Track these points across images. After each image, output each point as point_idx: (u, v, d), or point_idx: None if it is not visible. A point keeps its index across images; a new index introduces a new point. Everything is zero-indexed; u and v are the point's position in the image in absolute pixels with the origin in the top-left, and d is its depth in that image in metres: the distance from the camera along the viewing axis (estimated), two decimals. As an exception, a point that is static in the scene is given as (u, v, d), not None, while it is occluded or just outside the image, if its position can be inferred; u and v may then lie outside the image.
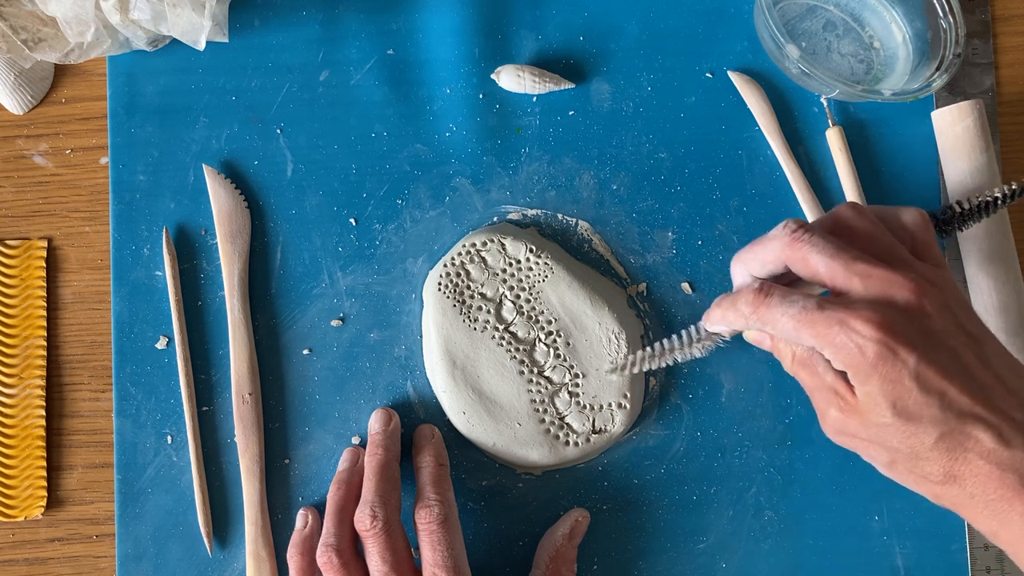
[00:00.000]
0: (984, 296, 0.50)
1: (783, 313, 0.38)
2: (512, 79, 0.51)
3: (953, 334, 0.37)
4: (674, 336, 0.44)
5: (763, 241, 0.40)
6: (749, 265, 0.41)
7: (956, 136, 0.50)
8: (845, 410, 0.38)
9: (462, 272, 0.50)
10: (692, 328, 0.44)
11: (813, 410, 0.41)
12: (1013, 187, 0.45)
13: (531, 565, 0.48)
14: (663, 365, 0.45)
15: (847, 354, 0.36)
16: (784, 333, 0.38)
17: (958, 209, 0.45)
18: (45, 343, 0.51)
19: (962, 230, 0.46)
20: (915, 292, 0.37)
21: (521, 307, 0.49)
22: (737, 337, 0.44)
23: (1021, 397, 0.37)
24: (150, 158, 0.52)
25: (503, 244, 0.50)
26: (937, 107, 0.52)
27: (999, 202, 0.45)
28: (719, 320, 0.42)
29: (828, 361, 0.38)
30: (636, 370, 0.46)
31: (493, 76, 0.52)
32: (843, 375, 0.38)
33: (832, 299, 0.37)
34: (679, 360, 0.45)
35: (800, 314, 0.37)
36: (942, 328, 0.37)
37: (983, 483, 0.36)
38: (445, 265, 0.50)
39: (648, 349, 0.45)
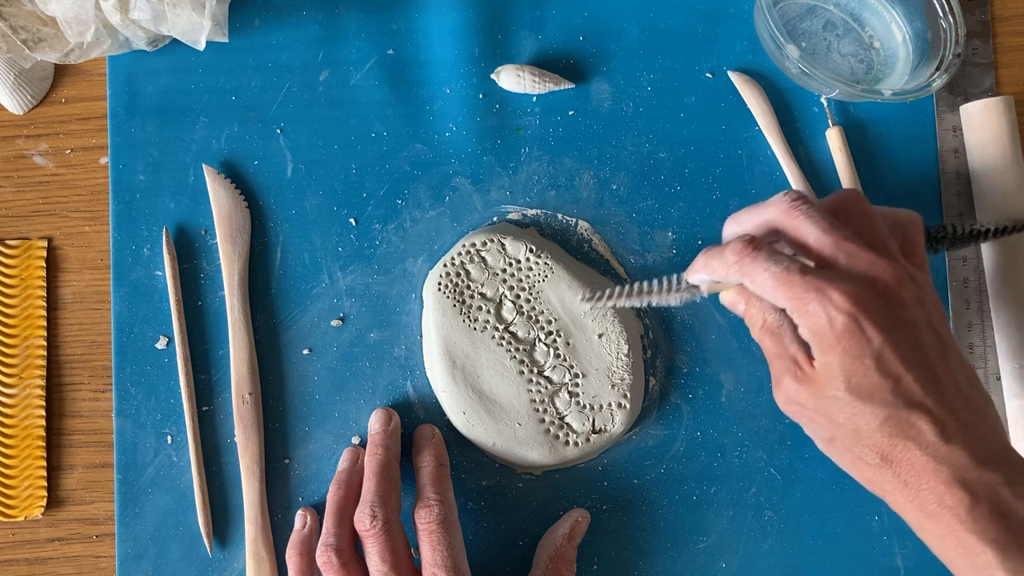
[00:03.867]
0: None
1: (766, 269, 0.38)
2: (512, 79, 0.51)
3: (922, 329, 0.38)
4: (654, 280, 0.44)
5: (761, 205, 0.41)
6: (744, 225, 0.42)
7: (993, 130, 0.50)
8: (800, 379, 0.39)
9: (462, 272, 0.50)
10: (673, 276, 0.44)
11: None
12: (1007, 224, 0.47)
13: (531, 565, 0.48)
14: (636, 305, 0.45)
15: (816, 322, 0.37)
16: (761, 289, 0.39)
17: (951, 231, 0.46)
18: (45, 343, 0.51)
19: (949, 250, 0.47)
20: (896, 280, 0.37)
21: (521, 307, 0.49)
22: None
23: (971, 401, 0.38)
24: (150, 158, 0.52)
25: (503, 244, 0.50)
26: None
27: (992, 233, 0.47)
28: (701, 268, 0.42)
29: (795, 332, 0.39)
30: (610, 304, 0.45)
31: (493, 76, 0.52)
32: (806, 347, 0.39)
33: (816, 268, 0.38)
34: (652, 304, 0.45)
35: (782, 273, 0.38)
36: (913, 320, 0.37)
37: (917, 473, 0.37)
38: (445, 265, 0.50)
39: (625, 287, 0.45)
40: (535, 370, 0.49)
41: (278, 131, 0.52)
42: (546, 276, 0.49)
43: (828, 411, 0.38)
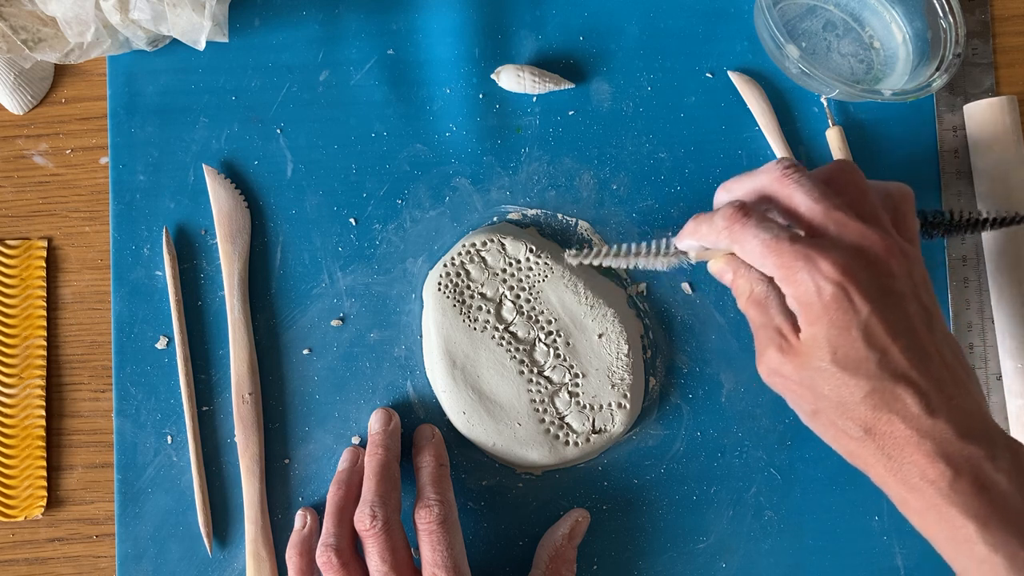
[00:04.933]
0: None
1: (755, 236, 0.38)
2: (512, 79, 0.51)
3: (909, 299, 0.38)
4: (642, 243, 0.44)
5: (753, 173, 0.41)
6: (735, 192, 0.42)
7: (996, 130, 0.50)
8: (785, 351, 0.39)
9: (462, 272, 0.50)
10: (662, 240, 0.44)
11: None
12: (1005, 215, 0.47)
13: (531, 565, 0.48)
14: (623, 267, 0.46)
15: (804, 291, 0.37)
16: (750, 256, 0.39)
17: (948, 217, 0.46)
18: (45, 343, 0.51)
19: (945, 236, 0.47)
20: (885, 251, 0.37)
21: (521, 307, 0.49)
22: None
23: (956, 374, 0.38)
24: (150, 158, 0.52)
25: (503, 244, 0.50)
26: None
27: (989, 224, 0.47)
28: (690, 234, 0.42)
29: (782, 303, 0.39)
30: (596, 262, 0.45)
31: (493, 76, 0.52)
32: (792, 319, 0.39)
33: (806, 237, 0.38)
34: (639, 266, 0.45)
35: (771, 240, 0.38)
36: (901, 291, 0.38)
37: (900, 446, 0.37)
38: (445, 265, 0.50)
39: (613, 246, 0.45)
40: (535, 370, 0.49)
41: (278, 131, 0.52)
42: (546, 276, 0.49)
43: (812, 383, 0.38)
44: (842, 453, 0.40)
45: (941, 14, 0.50)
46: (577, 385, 0.49)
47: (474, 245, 0.50)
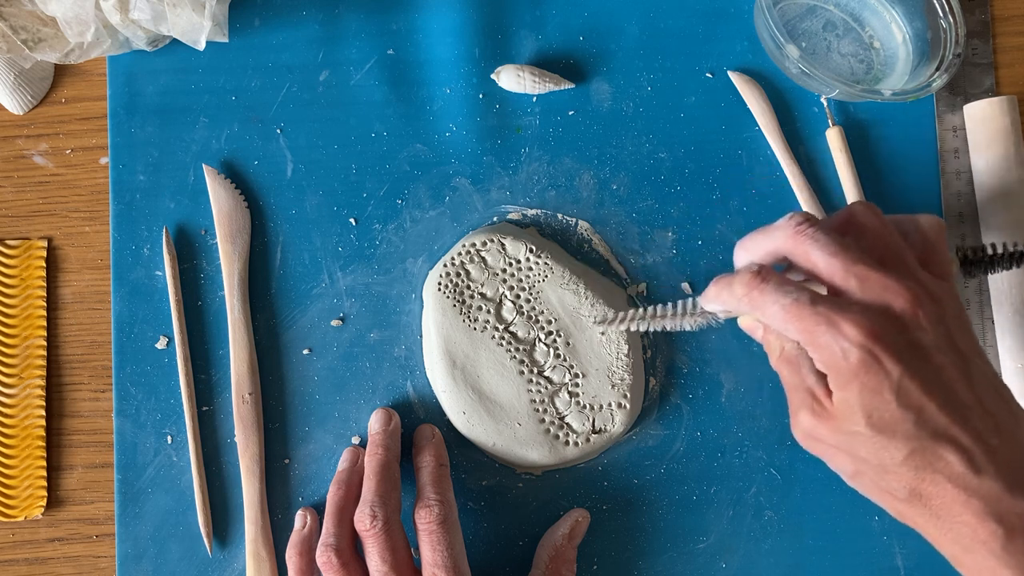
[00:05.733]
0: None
1: (775, 301, 0.37)
2: (512, 79, 0.51)
3: (943, 349, 0.36)
4: (669, 304, 0.44)
5: (768, 230, 0.40)
6: (752, 252, 0.40)
7: (996, 130, 0.50)
8: (818, 414, 0.37)
9: (462, 272, 0.50)
10: (689, 300, 0.43)
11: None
12: None
13: (531, 565, 0.48)
14: (651, 329, 0.45)
15: (830, 356, 0.36)
16: (773, 322, 0.38)
17: (991, 252, 0.42)
18: (45, 343, 0.51)
19: (988, 274, 0.43)
20: (911, 302, 0.36)
21: (521, 307, 0.49)
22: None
23: (999, 420, 0.36)
24: (150, 158, 0.52)
25: (503, 244, 0.50)
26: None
27: None
28: (714, 298, 0.41)
29: (812, 362, 0.38)
30: (623, 328, 0.45)
31: (493, 76, 0.52)
32: (824, 379, 0.37)
33: (827, 296, 0.37)
34: (668, 328, 0.44)
35: (791, 306, 0.37)
36: (932, 342, 0.36)
37: (948, 506, 0.35)
38: (445, 265, 0.50)
39: (640, 310, 0.44)
40: (535, 370, 0.49)
41: (278, 131, 0.52)
42: (546, 276, 0.49)
43: (850, 446, 0.37)
44: (891, 512, 0.38)
45: (941, 14, 0.50)
46: (577, 385, 0.49)
47: (474, 245, 0.50)
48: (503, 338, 0.49)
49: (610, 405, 0.49)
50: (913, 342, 0.36)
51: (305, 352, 0.51)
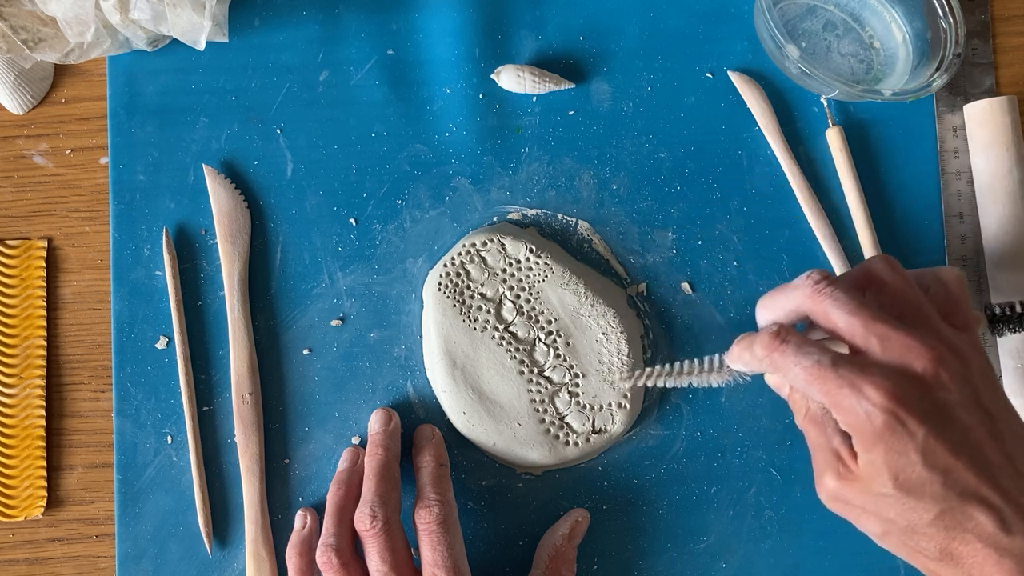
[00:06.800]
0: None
1: (796, 364, 0.37)
2: (512, 79, 0.51)
3: (968, 408, 0.36)
4: (696, 360, 0.44)
5: (786, 289, 0.39)
6: (773, 312, 0.40)
7: (996, 130, 0.50)
8: (844, 476, 0.37)
9: (462, 272, 0.50)
10: (716, 357, 0.43)
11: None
12: None
13: (531, 565, 0.48)
14: (678, 386, 0.45)
15: (854, 419, 0.35)
16: (795, 383, 0.38)
17: (1020, 309, 0.42)
18: (45, 343, 0.51)
19: (1017, 332, 0.43)
20: (933, 361, 0.35)
21: (521, 307, 0.49)
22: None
23: None
24: (150, 158, 0.52)
25: (503, 244, 0.50)
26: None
27: None
28: (737, 358, 0.41)
29: (838, 423, 0.37)
30: (649, 383, 0.45)
31: (493, 76, 0.52)
32: (849, 439, 0.37)
33: (848, 357, 0.37)
34: (694, 385, 0.44)
35: (813, 368, 0.36)
36: (957, 401, 0.35)
37: (980, 566, 0.35)
38: (445, 265, 0.50)
39: (666, 366, 0.45)
40: (535, 370, 0.49)
41: (278, 131, 0.52)
42: (546, 276, 0.49)
43: (877, 508, 0.36)
44: (923, 572, 0.38)
45: (941, 14, 0.50)
46: (577, 385, 0.49)
47: (474, 245, 0.50)
48: (503, 338, 0.49)
49: (610, 405, 0.49)
50: (937, 403, 0.35)
51: (305, 352, 0.51)
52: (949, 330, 0.38)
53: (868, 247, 0.51)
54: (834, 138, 0.51)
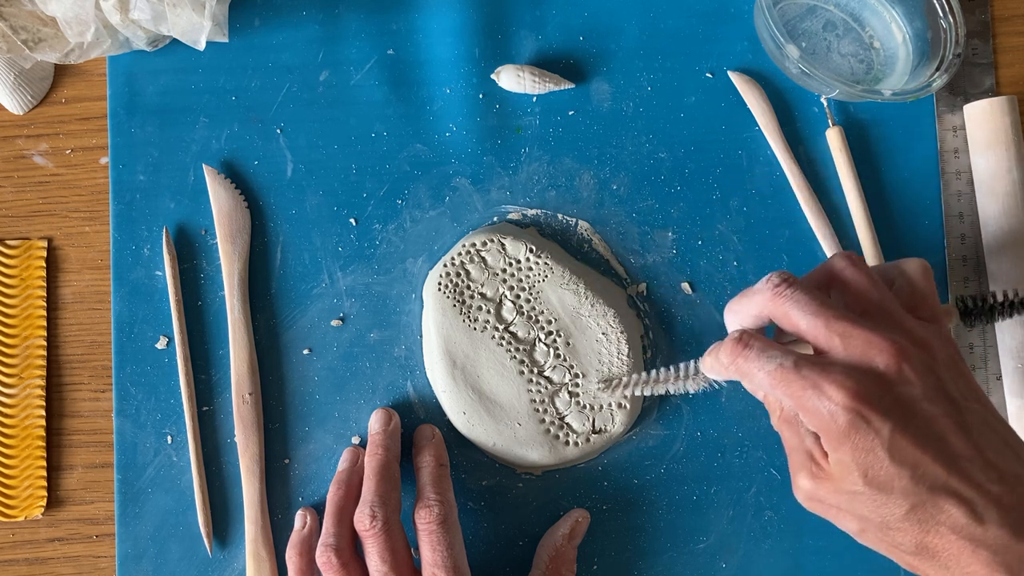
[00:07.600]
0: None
1: (760, 368, 0.37)
2: (512, 79, 0.51)
3: (933, 400, 0.35)
4: (672, 367, 0.45)
5: (749, 293, 0.39)
6: (740, 316, 0.40)
7: (996, 130, 0.50)
8: (816, 476, 0.37)
9: (462, 272, 0.50)
10: (691, 364, 0.44)
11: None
12: None
13: (531, 565, 0.48)
14: (655, 393, 0.46)
15: (819, 419, 0.36)
16: (761, 388, 0.38)
17: (991, 301, 0.41)
18: (45, 343, 0.51)
19: (989, 323, 0.43)
20: (895, 356, 0.35)
21: (521, 307, 0.49)
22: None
23: (1001, 468, 0.35)
24: (150, 158, 0.52)
25: (503, 244, 0.50)
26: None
27: None
28: (709, 367, 0.41)
29: None
30: (628, 393, 0.47)
31: (493, 76, 0.52)
32: (819, 440, 0.37)
33: (811, 358, 0.37)
34: (671, 392, 0.45)
35: (776, 371, 0.36)
36: (921, 394, 0.35)
37: (955, 557, 0.35)
38: (445, 265, 0.50)
39: (643, 374, 0.46)
40: (535, 370, 0.49)
41: (278, 131, 0.52)
42: (546, 276, 0.49)
43: (851, 506, 0.36)
44: (902, 566, 0.38)
45: (941, 14, 0.50)
46: (577, 385, 0.49)
47: (474, 245, 0.50)
48: (503, 338, 0.49)
49: (610, 405, 0.49)
50: (900, 397, 0.35)
51: (305, 352, 0.51)
52: (914, 323, 0.38)
53: (868, 247, 0.51)
54: (834, 138, 0.51)
